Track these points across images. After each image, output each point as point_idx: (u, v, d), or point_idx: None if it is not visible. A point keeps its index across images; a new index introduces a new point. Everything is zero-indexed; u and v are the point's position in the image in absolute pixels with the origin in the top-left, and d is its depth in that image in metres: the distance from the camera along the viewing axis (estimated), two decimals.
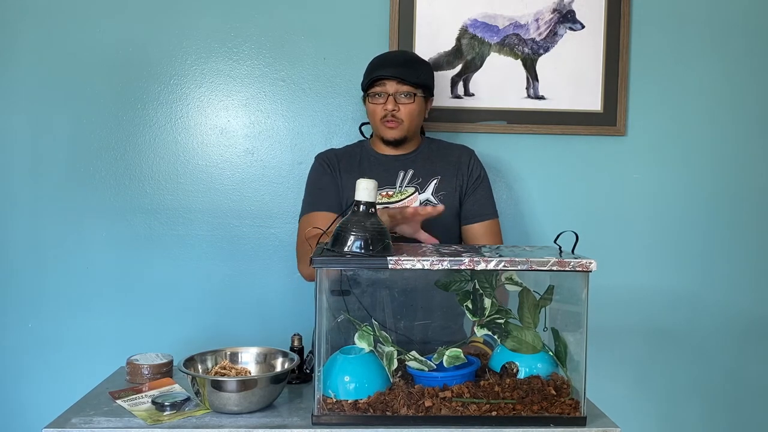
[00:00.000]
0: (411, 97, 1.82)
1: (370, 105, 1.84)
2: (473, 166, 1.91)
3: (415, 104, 1.83)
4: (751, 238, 2.30)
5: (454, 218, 1.87)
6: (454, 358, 1.35)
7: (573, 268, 1.26)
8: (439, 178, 1.86)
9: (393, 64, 1.83)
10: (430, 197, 1.84)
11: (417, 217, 1.55)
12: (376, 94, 1.82)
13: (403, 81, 1.80)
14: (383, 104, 1.81)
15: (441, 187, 1.86)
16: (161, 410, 1.32)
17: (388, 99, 1.80)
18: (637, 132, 2.24)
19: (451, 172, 1.88)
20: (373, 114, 1.84)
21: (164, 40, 2.16)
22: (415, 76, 1.82)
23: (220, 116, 2.19)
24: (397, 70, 1.80)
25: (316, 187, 1.88)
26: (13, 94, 2.14)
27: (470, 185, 1.89)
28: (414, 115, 1.84)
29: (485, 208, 1.89)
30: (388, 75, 1.80)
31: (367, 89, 1.84)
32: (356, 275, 1.39)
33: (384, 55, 1.92)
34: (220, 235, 2.19)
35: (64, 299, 2.17)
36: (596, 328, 1.49)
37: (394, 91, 1.80)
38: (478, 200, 1.89)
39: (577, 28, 2.20)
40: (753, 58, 2.27)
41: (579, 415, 1.29)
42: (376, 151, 1.91)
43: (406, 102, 1.82)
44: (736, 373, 2.32)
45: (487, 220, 1.89)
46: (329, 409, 1.27)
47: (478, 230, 1.88)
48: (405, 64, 1.83)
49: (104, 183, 2.17)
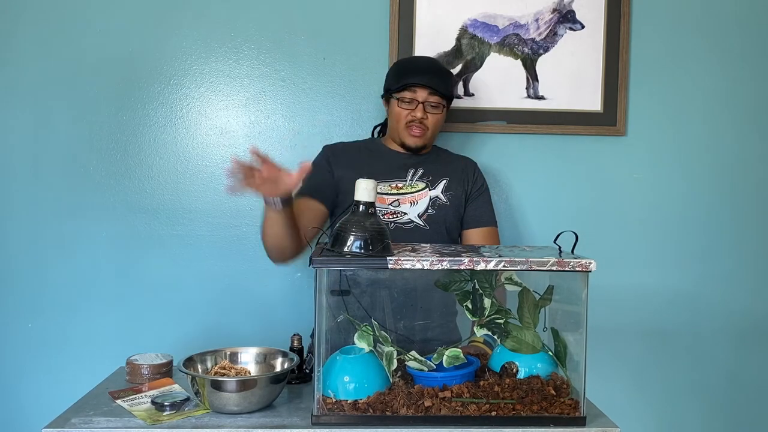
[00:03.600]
0: (440, 108, 1.84)
1: (396, 108, 1.84)
2: (477, 176, 1.96)
3: (441, 114, 1.86)
4: (751, 238, 2.30)
5: (458, 221, 1.91)
6: (453, 358, 1.35)
7: (573, 268, 1.27)
8: (448, 180, 1.89)
9: (426, 72, 1.83)
10: (439, 195, 1.88)
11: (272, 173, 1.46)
12: (406, 100, 1.82)
13: (435, 92, 1.81)
14: (412, 111, 1.82)
15: (449, 187, 1.89)
16: (161, 410, 1.32)
17: (418, 106, 1.81)
18: (637, 132, 2.24)
19: (457, 177, 1.92)
20: (398, 117, 1.84)
21: (164, 40, 2.16)
22: (445, 88, 1.84)
23: (220, 116, 2.19)
24: (431, 79, 1.81)
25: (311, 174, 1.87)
26: (13, 94, 2.14)
27: (473, 193, 1.93)
28: (438, 125, 1.88)
29: (485, 216, 1.93)
30: (422, 83, 1.80)
31: (394, 91, 1.84)
32: (356, 275, 1.40)
33: (414, 61, 1.96)
34: (220, 235, 2.19)
35: (64, 299, 2.17)
36: (596, 328, 1.49)
37: (424, 99, 1.81)
38: (479, 207, 1.92)
39: (577, 28, 2.19)
40: (752, 57, 2.26)
41: (578, 415, 1.29)
42: (389, 147, 1.93)
43: (435, 112, 1.84)
44: (736, 373, 2.32)
45: (487, 227, 1.92)
46: (329, 409, 1.27)
47: (477, 236, 1.91)
48: (437, 74, 1.85)
49: (104, 183, 2.17)
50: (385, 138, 1.96)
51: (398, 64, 1.93)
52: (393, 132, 1.89)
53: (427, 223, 1.84)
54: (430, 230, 1.84)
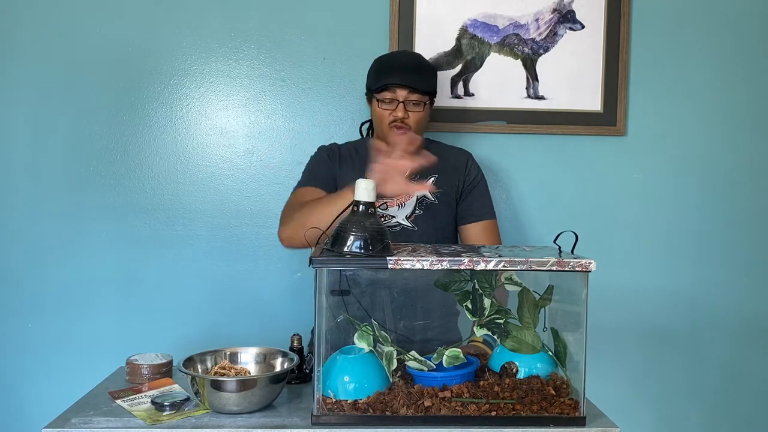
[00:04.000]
0: (421, 105, 1.82)
1: (378, 109, 1.83)
2: (471, 168, 1.92)
3: (423, 112, 1.83)
4: (751, 237, 2.30)
5: (450, 218, 1.88)
6: (453, 358, 1.35)
7: (572, 268, 1.26)
8: (438, 176, 1.86)
9: (404, 71, 1.80)
10: (426, 194, 1.84)
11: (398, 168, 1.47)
12: (386, 100, 1.80)
13: (415, 90, 1.79)
14: (393, 111, 1.80)
15: (439, 185, 1.86)
16: (161, 410, 1.32)
17: (398, 106, 1.79)
18: (637, 132, 2.24)
19: (449, 172, 1.88)
20: (380, 118, 1.83)
21: (164, 40, 2.16)
22: (426, 84, 1.82)
23: (220, 116, 2.19)
24: (409, 77, 1.79)
25: (313, 168, 1.88)
26: (13, 94, 2.14)
27: (467, 186, 1.89)
28: (422, 122, 1.85)
29: (482, 209, 1.90)
30: (400, 83, 1.78)
31: (375, 92, 1.82)
32: (356, 275, 1.39)
33: (393, 58, 1.90)
34: (220, 235, 2.19)
35: (64, 299, 2.17)
36: (596, 327, 1.50)
37: (404, 98, 1.79)
38: (476, 201, 1.89)
39: (577, 28, 2.19)
40: (753, 57, 2.26)
41: (578, 415, 1.29)
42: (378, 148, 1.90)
43: (416, 110, 1.81)
44: (735, 373, 2.32)
45: (485, 220, 1.89)
46: (329, 409, 1.27)
47: (475, 230, 1.88)
48: (416, 71, 1.82)
49: (104, 183, 2.17)
50: (375, 137, 1.94)
51: (378, 61, 1.88)
52: (378, 132, 1.88)
53: (415, 224, 1.81)
54: (418, 231, 1.81)
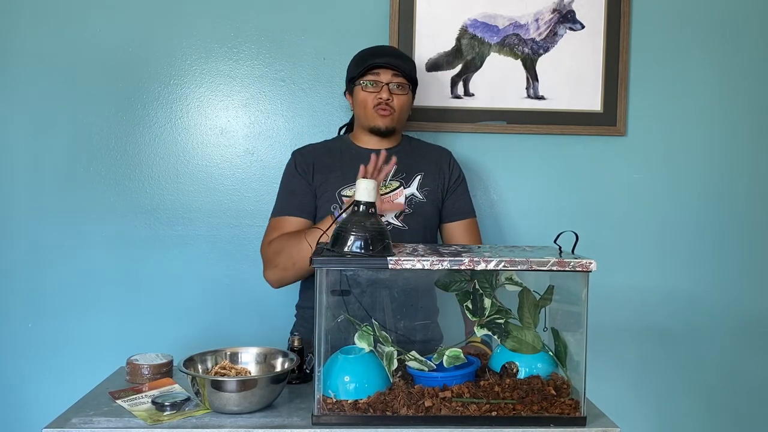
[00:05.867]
0: (405, 89, 1.83)
1: (361, 93, 1.82)
2: (453, 167, 1.93)
3: (407, 97, 1.84)
4: (751, 237, 2.30)
5: (437, 216, 1.89)
6: (453, 358, 1.35)
7: (573, 268, 1.27)
8: (423, 174, 1.87)
9: (387, 54, 1.83)
10: (415, 192, 1.85)
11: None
12: (370, 83, 1.81)
13: (398, 74, 1.80)
14: (377, 93, 1.80)
15: (425, 183, 1.86)
16: (161, 410, 1.32)
17: (383, 88, 1.80)
18: (637, 132, 2.24)
19: (433, 170, 1.89)
20: (364, 102, 1.82)
21: (164, 40, 2.16)
22: (409, 69, 1.83)
23: (220, 116, 2.19)
24: (393, 60, 1.81)
25: (288, 190, 1.86)
26: (13, 94, 2.14)
27: (452, 184, 1.90)
28: (405, 107, 1.85)
29: (464, 207, 1.91)
30: (384, 64, 1.79)
31: (358, 78, 1.82)
32: (356, 275, 1.39)
33: (374, 47, 1.91)
34: (220, 235, 2.19)
35: (64, 299, 2.17)
36: (596, 327, 1.49)
37: (388, 80, 1.80)
38: (458, 199, 1.90)
39: (577, 28, 2.19)
40: (753, 57, 2.27)
41: (579, 415, 1.29)
42: (357, 145, 1.89)
43: (400, 93, 1.82)
44: (735, 372, 2.32)
45: (468, 218, 1.91)
46: (329, 409, 1.27)
47: (458, 228, 1.89)
48: (398, 57, 1.84)
49: (104, 183, 2.17)
50: (353, 134, 1.92)
51: (358, 53, 1.89)
52: (361, 120, 1.86)
53: (405, 223, 1.81)
54: (409, 230, 1.80)
